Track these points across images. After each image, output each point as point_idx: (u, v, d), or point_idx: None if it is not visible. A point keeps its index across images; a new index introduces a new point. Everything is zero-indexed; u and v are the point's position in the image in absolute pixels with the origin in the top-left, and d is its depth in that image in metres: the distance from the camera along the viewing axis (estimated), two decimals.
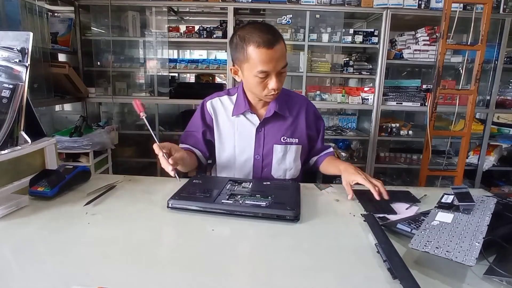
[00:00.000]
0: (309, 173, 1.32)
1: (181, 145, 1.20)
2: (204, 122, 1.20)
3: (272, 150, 1.16)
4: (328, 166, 1.20)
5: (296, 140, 1.17)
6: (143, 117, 0.91)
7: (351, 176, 0.99)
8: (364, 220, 0.79)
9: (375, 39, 2.51)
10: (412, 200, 0.94)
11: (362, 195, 0.96)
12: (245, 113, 1.16)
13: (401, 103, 2.60)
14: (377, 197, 0.91)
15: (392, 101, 2.61)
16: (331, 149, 1.27)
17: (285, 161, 1.17)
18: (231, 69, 1.12)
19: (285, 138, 1.16)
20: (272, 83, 1.01)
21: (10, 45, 0.89)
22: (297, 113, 1.19)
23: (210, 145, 1.22)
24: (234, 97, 1.20)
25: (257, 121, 1.16)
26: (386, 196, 0.91)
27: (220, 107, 1.20)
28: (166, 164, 0.92)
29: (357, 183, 0.97)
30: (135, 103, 0.92)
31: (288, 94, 1.22)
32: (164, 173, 0.98)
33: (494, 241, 0.64)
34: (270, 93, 1.04)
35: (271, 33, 0.98)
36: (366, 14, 2.69)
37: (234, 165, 1.19)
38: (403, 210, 0.87)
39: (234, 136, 1.17)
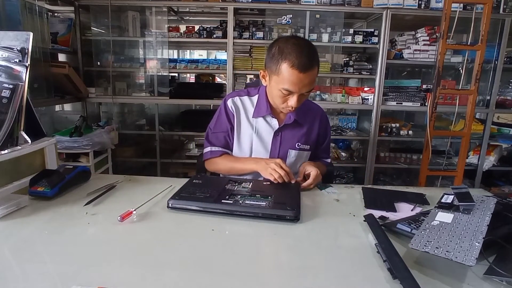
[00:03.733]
0: None
1: (213, 148, 1.22)
2: (229, 121, 1.22)
3: (287, 155, 1.19)
4: None
5: (308, 147, 1.22)
6: None
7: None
8: (364, 220, 0.79)
9: (375, 39, 2.51)
10: (421, 202, 0.93)
11: (367, 190, 0.98)
12: (266, 116, 1.18)
13: (401, 103, 2.60)
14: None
15: (392, 101, 2.61)
16: (328, 160, 1.32)
17: (296, 165, 1.20)
18: (260, 72, 1.14)
19: (300, 144, 1.20)
20: (293, 101, 1.04)
21: (10, 45, 0.89)
22: (312, 122, 1.23)
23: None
24: (254, 98, 1.22)
25: (276, 125, 1.18)
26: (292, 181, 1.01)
27: (241, 106, 1.22)
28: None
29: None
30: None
31: (305, 103, 1.24)
32: (164, 173, 0.98)
33: (494, 241, 0.64)
34: (287, 107, 1.08)
35: (309, 57, 0.99)
36: (366, 14, 2.69)
37: None
38: (407, 211, 0.87)
39: (252, 137, 1.19)
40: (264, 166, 1.03)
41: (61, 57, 2.56)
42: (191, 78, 3.66)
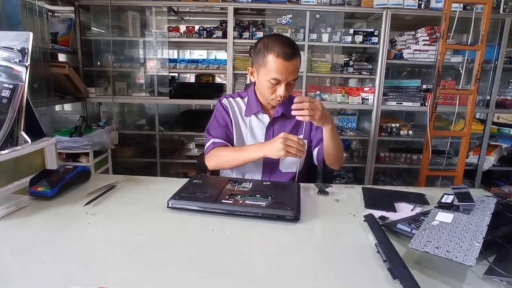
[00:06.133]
0: (309, 172, 1.33)
1: (216, 140, 1.21)
2: (228, 115, 1.26)
3: None
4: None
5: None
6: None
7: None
8: (364, 220, 0.79)
9: (375, 39, 2.51)
10: (421, 202, 0.93)
11: (367, 190, 0.99)
12: (257, 113, 1.25)
13: (401, 103, 2.60)
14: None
15: (392, 101, 2.61)
16: None
17: (290, 159, 1.21)
18: (248, 69, 1.21)
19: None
20: (281, 90, 1.12)
21: (10, 45, 0.89)
22: None
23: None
24: (245, 99, 1.28)
25: (267, 120, 1.24)
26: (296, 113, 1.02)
27: (234, 106, 1.28)
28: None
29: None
30: None
31: (293, 97, 1.25)
32: (164, 173, 0.98)
33: (494, 241, 0.64)
34: (276, 98, 1.14)
35: (292, 48, 1.08)
36: (366, 14, 2.69)
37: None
38: (407, 211, 0.87)
39: (246, 135, 1.25)
40: (273, 149, 1.03)
41: (61, 57, 2.56)
42: (191, 78, 3.66)
